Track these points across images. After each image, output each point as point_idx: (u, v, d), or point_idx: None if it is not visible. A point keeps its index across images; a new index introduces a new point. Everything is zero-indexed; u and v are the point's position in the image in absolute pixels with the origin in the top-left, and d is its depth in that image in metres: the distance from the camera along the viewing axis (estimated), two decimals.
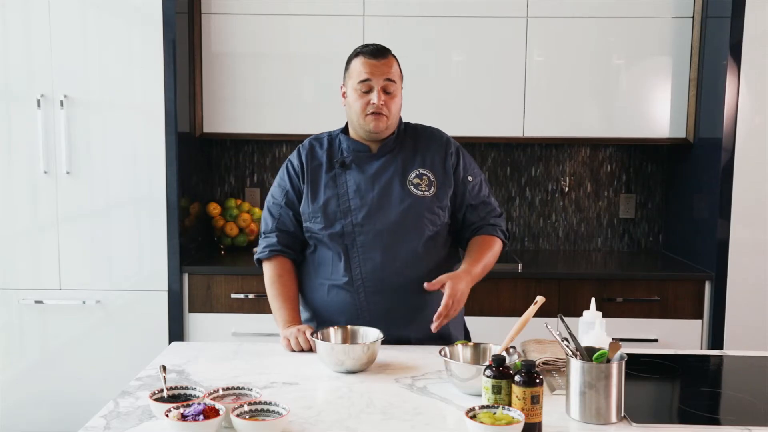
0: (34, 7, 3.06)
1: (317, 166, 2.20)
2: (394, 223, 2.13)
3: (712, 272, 3.15)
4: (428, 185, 2.16)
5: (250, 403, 1.54)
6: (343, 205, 2.15)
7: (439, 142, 2.24)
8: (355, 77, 2.14)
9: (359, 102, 2.13)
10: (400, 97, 2.18)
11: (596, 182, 3.74)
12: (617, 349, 1.60)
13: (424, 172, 2.18)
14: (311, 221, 2.17)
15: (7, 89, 3.10)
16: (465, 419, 1.48)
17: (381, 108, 2.10)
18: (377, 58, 2.13)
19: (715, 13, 3.20)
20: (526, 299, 3.11)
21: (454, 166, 2.21)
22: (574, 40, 3.35)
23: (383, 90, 2.11)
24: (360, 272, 2.13)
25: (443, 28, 3.34)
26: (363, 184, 2.15)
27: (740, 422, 1.62)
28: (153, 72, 3.09)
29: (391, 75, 2.12)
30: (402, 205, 2.13)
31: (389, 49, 2.18)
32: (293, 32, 3.34)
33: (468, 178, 2.22)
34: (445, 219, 2.20)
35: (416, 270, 2.14)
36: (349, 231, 2.13)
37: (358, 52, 2.16)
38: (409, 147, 2.21)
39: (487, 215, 2.25)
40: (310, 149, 2.24)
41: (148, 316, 3.17)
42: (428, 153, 2.20)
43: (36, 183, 3.12)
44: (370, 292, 2.13)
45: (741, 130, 3.09)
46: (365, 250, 2.13)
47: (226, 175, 3.74)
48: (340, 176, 2.17)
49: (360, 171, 2.17)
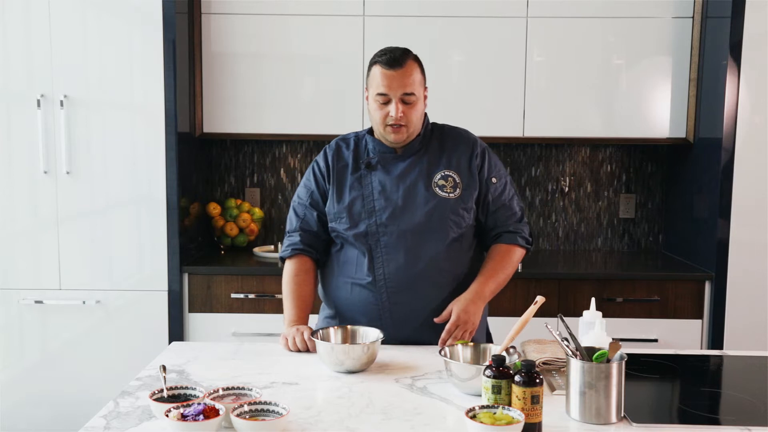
0: (34, 7, 3.06)
1: (343, 166, 2.20)
2: (419, 224, 2.12)
3: (712, 272, 3.15)
4: (453, 187, 2.15)
5: (250, 403, 1.54)
6: (368, 205, 2.14)
7: (466, 143, 2.21)
8: (373, 88, 2.11)
9: (379, 113, 2.11)
10: (421, 103, 2.14)
11: (596, 182, 3.74)
12: (617, 349, 1.60)
13: (450, 173, 2.16)
14: (336, 221, 2.18)
15: (7, 89, 3.10)
16: (465, 419, 1.48)
17: (400, 120, 2.09)
18: (394, 68, 2.08)
19: (715, 13, 3.20)
20: (526, 299, 3.11)
21: (479, 167, 2.19)
22: (574, 40, 3.35)
23: (401, 101, 2.09)
24: (383, 272, 2.13)
25: (443, 28, 3.34)
26: (388, 184, 2.15)
27: (740, 422, 1.62)
28: (153, 72, 3.09)
29: (408, 87, 2.08)
30: (427, 207, 2.12)
31: (408, 54, 2.13)
32: (293, 32, 3.34)
33: (492, 179, 2.20)
34: (470, 221, 2.18)
35: (440, 271, 2.14)
36: (373, 231, 2.13)
37: (376, 60, 2.12)
38: (435, 148, 2.20)
39: (508, 219, 2.22)
40: (337, 150, 2.23)
41: (148, 316, 3.17)
42: (454, 154, 2.19)
43: (36, 183, 3.12)
44: (392, 293, 2.13)
45: (741, 130, 3.09)
46: (389, 251, 2.13)
47: (226, 175, 3.74)
48: (365, 177, 2.17)
49: (385, 172, 2.17)
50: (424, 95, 2.18)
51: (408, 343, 2.13)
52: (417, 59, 2.15)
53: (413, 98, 2.10)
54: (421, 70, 2.16)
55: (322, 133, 3.40)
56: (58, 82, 3.09)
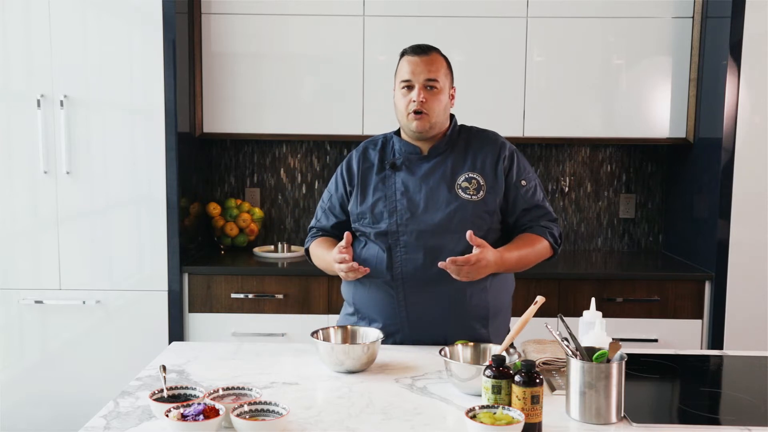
0: (34, 7, 3.06)
1: (368, 167, 2.22)
2: (438, 225, 2.12)
3: (712, 272, 3.15)
4: (477, 189, 2.14)
5: (250, 403, 1.54)
6: (390, 205, 2.15)
7: (493, 145, 2.21)
8: (399, 77, 2.15)
9: (402, 101, 2.13)
10: (446, 96, 2.16)
11: (596, 182, 3.74)
12: (617, 349, 1.60)
13: (474, 175, 2.16)
14: (359, 222, 2.20)
15: (7, 89, 3.10)
16: (465, 419, 1.48)
17: (421, 106, 2.10)
18: (419, 55, 2.12)
19: (715, 13, 3.20)
20: (526, 299, 3.10)
21: (506, 170, 2.18)
22: (574, 40, 3.35)
23: (424, 88, 2.11)
24: (401, 271, 2.13)
25: (443, 28, 3.34)
26: (411, 185, 2.16)
27: (740, 422, 1.62)
28: (153, 72, 3.09)
29: (432, 73, 2.11)
30: (448, 208, 2.12)
31: (435, 48, 2.17)
32: (293, 32, 3.34)
33: (521, 182, 2.19)
34: (491, 224, 2.16)
35: None
36: (393, 230, 2.14)
37: (403, 52, 2.17)
38: (461, 149, 2.19)
39: (540, 218, 2.21)
40: (364, 152, 2.26)
41: (148, 316, 3.17)
42: (479, 156, 2.18)
43: (36, 183, 3.12)
44: (410, 292, 2.13)
45: (741, 130, 3.09)
46: (408, 251, 2.13)
47: (226, 175, 3.74)
48: (389, 177, 2.18)
49: (409, 172, 2.17)
50: (451, 94, 2.20)
51: (423, 343, 2.12)
52: (445, 56, 2.18)
53: (436, 85, 2.12)
54: (449, 65, 2.19)
55: (322, 133, 3.40)
56: (58, 82, 3.09)
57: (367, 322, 2.17)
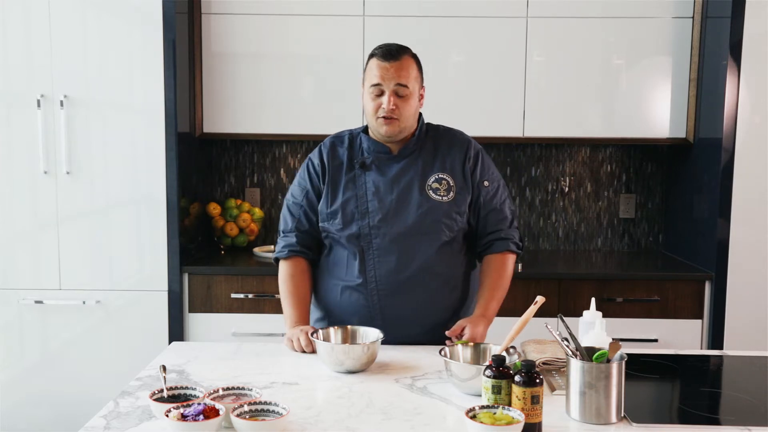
0: (34, 7, 3.06)
1: (338, 165, 2.19)
2: (411, 227, 2.12)
3: (712, 272, 3.15)
4: (447, 190, 2.14)
5: (250, 403, 1.54)
6: (362, 206, 2.14)
7: (460, 145, 2.20)
8: (368, 80, 2.12)
9: (371, 105, 2.11)
10: (416, 99, 2.14)
11: (596, 182, 3.74)
12: (617, 349, 1.60)
13: (444, 176, 2.16)
14: (329, 221, 2.17)
15: (7, 89, 3.10)
16: (465, 419, 1.48)
17: (392, 112, 2.08)
18: (389, 60, 2.08)
19: (715, 13, 3.20)
20: (526, 299, 3.10)
21: (472, 169, 2.18)
22: (574, 40, 3.35)
23: (394, 93, 2.09)
24: (374, 274, 2.12)
25: (443, 28, 3.33)
26: (382, 186, 2.14)
27: (740, 422, 1.62)
28: (153, 72, 3.09)
29: (402, 79, 2.08)
30: (419, 210, 2.12)
31: (406, 49, 2.14)
32: (293, 32, 3.34)
33: (484, 182, 2.19)
34: (462, 224, 2.17)
35: (431, 274, 2.14)
36: (365, 233, 2.13)
37: (373, 53, 2.13)
38: (430, 149, 2.18)
39: (499, 224, 2.21)
40: (332, 148, 2.22)
41: (148, 316, 3.17)
42: (449, 156, 2.18)
43: (36, 183, 3.12)
44: (383, 295, 2.13)
45: (741, 130, 3.09)
46: (380, 253, 2.12)
47: (226, 175, 3.74)
48: (359, 177, 2.16)
49: (380, 173, 2.16)
50: (421, 94, 2.17)
51: (398, 342, 2.12)
52: (415, 57, 2.15)
53: (407, 91, 2.09)
54: (419, 67, 2.16)
55: (322, 133, 3.37)
56: (58, 82, 3.09)
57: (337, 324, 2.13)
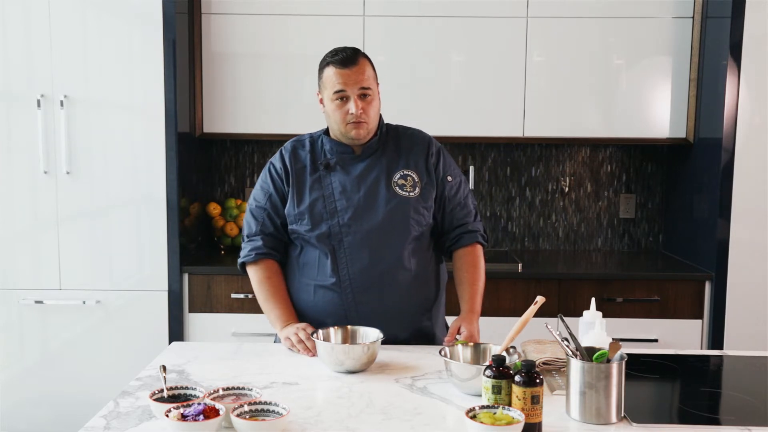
0: (34, 7, 3.06)
1: (301, 168, 2.19)
2: (381, 223, 2.13)
3: (712, 272, 3.15)
4: (413, 186, 2.17)
5: (250, 403, 1.54)
6: (330, 206, 2.14)
7: (422, 143, 2.24)
8: (329, 88, 2.11)
9: (338, 112, 2.11)
10: (377, 99, 2.16)
11: (596, 182, 3.74)
12: (617, 349, 1.60)
13: (409, 173, 2.18)
14: (297, 223, 2.17)
15: (7, 89, 3.10)
16: (465, 419, 1.48)
17: (360, 116, 2.10)
18: (348, 66, 2.09)
19: (715, 13, 3.20)
20: (526, 299, 3.11)
21: (435, 165, 2.21)
22: (574, 40, 3.35)
23: (359, 97, 2.10)
24: (348, 273, 2.13)
25: (443, 28, 3.34)
26: (349, 185, 2.15)
27: (740, 422, 1.62)
28: (153, 72, 3.09)
29: (364, 82, 2.10)
30: (388, 206, 2.14)
31: (359, 52, 2.14)
32: (293, 32, 3.34)
33: (447, 177, 2.23)
34: (429, 219, 2.21)
35: (402, 270, 2.15)
36: (336, 232, 2.13)
37: (328, 62, 2.12)
38: (392, 148, 2.21)
39: (465, 217, 2.25)
40: (293, 151, 2.22)
41: (148, 316, 3.17)
42: (411, 154, 2.21)
43: (36, 183, 3.12)
44: (357, 292, 2.13)
45: (741, 130, 3.09)
46: (352, 251, 2.13)
47: (226, 175, 3.74)
48: (324, 178, 2.17)
49: (345, 172, 2.17)
50: (378, 92, 2.18)
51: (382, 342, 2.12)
52: (367, 57, 2.16)
53: (370, 93, 2.12)
54: (373, 66, 2.17)
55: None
56: (58, 82, 3.09)
57: (315, 325, 2.12)
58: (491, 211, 3.75)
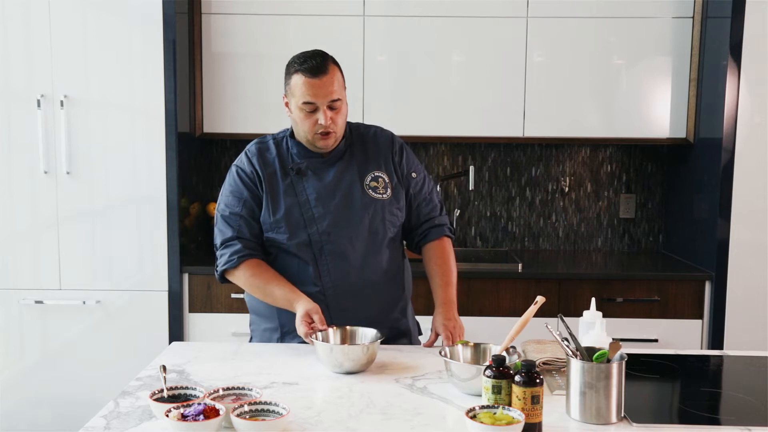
0: (34, 7, 3.06)
1: (272, 173, 2.14)
2: (360, 228, 2.12)
3: (712, 272, 3.15)
4: (384, 187, 2.17)
5: (250, 403, 1.54)
6: (306, 213, 2.11)
7: (385, 141, 2.22)
8: (298, 96, 2.05)
9: (306, 122, 2.06)
10: (346, 106, 2.12)
11: (596, 182, 3.74)
12: (617, 349, 1.60)
13: (379, 174, 2.18)
14: (273, 231, 2.12)
15: (7, 89, 3.10)
16: (465, 419, 1.48)
17: (329, 127, 2.06)
18: (318, 76, 2.02)
19: (715, 13, 3.20)
20: (526, 299, 3.11)
21: (398, 163, 2.21)
22: (574, 40, 3.35)
23: (329, 108, 2.06)
24: (330, 279, 2.11)
25: (443, 28, 3.34)
26: (323, 191, 2.12)
27: (740, 422, 1.62)
28: (153, 72, 3.09)
29: (334, 93, 2.05)
30: (366, 211, 2.13)
31: (328, 58, 2.08)
32: (293, 32, 3.34)
33: (411, 174, 2.22)
34: (402, 219, 2.21)
35: (380, 271, 2.16)
36: (316, 239, 2.11)
37: (297, 69, 2.05)
38: (359, 149, 2.19)
39: (431, 211, 2.26)
40: (260, 155, 2.16)
41: (148, 316, 3.17)
42: (379, 155, 2.19)
43: (36, 183, 3.12)
44: (342, 299, 2.12)
45: (741, 130, 3.09)
46: (334, 258, 2.11)
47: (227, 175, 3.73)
48: (297, 183, 2.13)
49: (317, 178, 2.13)
50: (345, 98, 2.13)
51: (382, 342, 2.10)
52: (335, 62, 2.11)
53: (339, 104, 2.08)
54: (341, 72, 2.12)
55: None
56: (58, 82, 3.09)
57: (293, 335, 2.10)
58: (491, 211, 3.75)
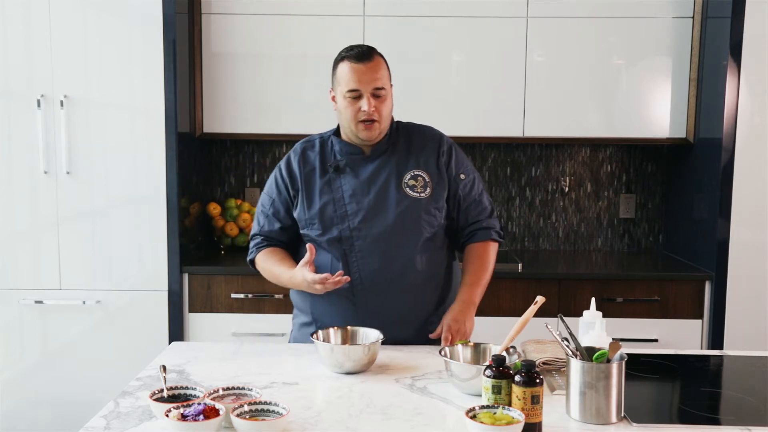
0: (34, 7, 3.06)
1: (310, 171, 2.18)
2: (392, 226, 2.11)
3: (712, 272, 3.15)
4: (423, 186, 2.15)
5: (250, 403, 1.54)
6: (340, 210, 2.13)
7: (432, 141, 2.21)
8: (343, 85, 2.08)
9: (350, 110, 2.09)
10: (390, 99, 2.14)
11: (596, 182, 3.74)
12: (617, 349, 1.60)
13: (419, 173, 2.16)
14: (308, 228, 2.16)
15: (7, 89, 3.10)
16: (465, 419, 1.48)
17: (372, 115, 2.07)
18: (363, 62, 2.07)
19: (715, 13, 3.20)
20: (526, 299, 3.11)
21: (446, 164, 2.19)
22: (574, 40, 3.35)
23: (373, 95, 2.07)
24: (359, 276, 2.12)
25: (443, 28, 3.34)
26: (358, 188, 2.13)
27: (740, 422, 1.62)
28: (153, 72, 3.09)
29: (379, 81, 2.07)
30: (399, 208, 2.12)
31: (374, 50, 2.13)
32: (293, 32, 3.34)
33: (460, 175, 2.20)
34: (441, 220, 2.18)
35: (414, 272, 2.14)
36: (347, 236, 2.12)
37: (343, 56, 2.10)
38: (403, 148, 2.18)
39: (480, 214, 2.23)
40: (303, 154, 2.21)
41: (148, 316, 3.17)
42: (422, 153, 2.18)
43: (36, 183, 3.12)
44: (370, 296, 2.12)
45: (741, 130, 3.09)
46: (363, 255, 2.11)
47: (226, 175, 3.74)
48: (334, 181, 2.15)
49: (354, 175, 2.15)
50: (391, 92, 2.16)
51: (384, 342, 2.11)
52: (382, 56, 2.14)
53: (383, 92, 2.09)
54: (387, 65, 2.15)
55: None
56: (58, 82, 3.09)
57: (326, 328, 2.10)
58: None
